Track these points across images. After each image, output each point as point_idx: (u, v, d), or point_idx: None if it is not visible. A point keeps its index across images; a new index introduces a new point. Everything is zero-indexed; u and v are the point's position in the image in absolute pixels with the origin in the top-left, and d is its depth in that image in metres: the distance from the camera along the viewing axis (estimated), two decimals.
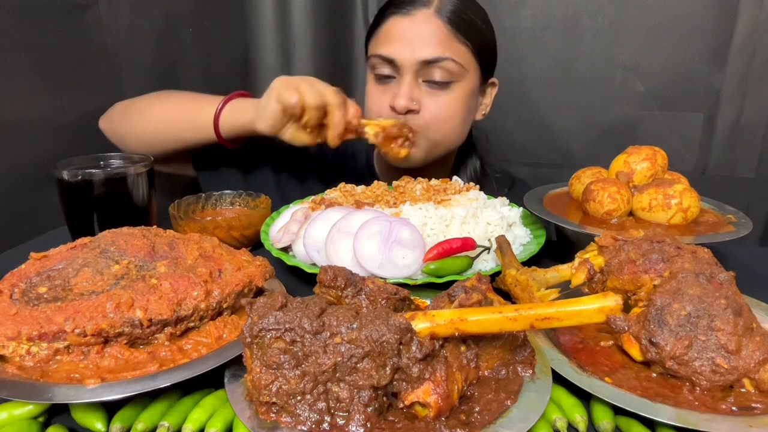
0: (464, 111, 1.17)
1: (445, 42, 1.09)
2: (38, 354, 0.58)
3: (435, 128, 1.14)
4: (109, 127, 1.21)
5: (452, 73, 1.10)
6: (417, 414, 0.53)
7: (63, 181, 0.93)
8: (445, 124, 1.15)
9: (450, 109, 1.14)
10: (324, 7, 1.84)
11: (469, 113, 1.20)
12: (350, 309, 0.55)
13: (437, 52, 1.08)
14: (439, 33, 1.09)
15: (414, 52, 1.09)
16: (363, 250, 0.83)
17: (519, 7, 1.75)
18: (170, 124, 1.15)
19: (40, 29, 1.21)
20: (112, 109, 1.22)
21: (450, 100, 1.13)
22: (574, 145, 1.84)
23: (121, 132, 1.19)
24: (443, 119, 1.14)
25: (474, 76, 1.16)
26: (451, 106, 1.14)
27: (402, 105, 1.10)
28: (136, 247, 0.70)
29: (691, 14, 1.62)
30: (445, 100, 1.13)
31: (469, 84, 1.15)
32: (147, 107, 1.18)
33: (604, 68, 1.74)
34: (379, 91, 1.16)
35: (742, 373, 0.58)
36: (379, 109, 1.15)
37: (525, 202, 1.00)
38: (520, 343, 0.61)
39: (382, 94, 1.15)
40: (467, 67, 1.13)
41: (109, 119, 1.22)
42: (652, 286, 0.66)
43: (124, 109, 1.21)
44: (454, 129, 1.18)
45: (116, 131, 1.20)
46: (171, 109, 1.16)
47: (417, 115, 1.12)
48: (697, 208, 0.91)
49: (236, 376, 0.58)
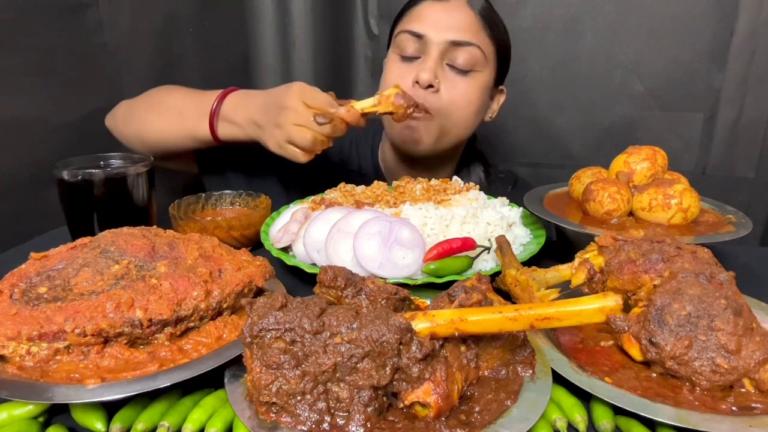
0: (479, 102, 1.18)
1: (475, 30, 1.13)
2: (38, 354, 0.58)
3: (449, 112, 1.15)
4: (114, 127, 1.22)
5: (475, 60, 1.13)
6: (417, 414, 0.53)
7: (63, 181, 0.93)
8: (460, 111, 1.16)
9: (467, 96, 1.16)
10: (324, 7, 1.84)
11: (482, 107, 1.21)
12: (350, 309, 0.55)
13: (466, 36, 1.12)
14: (471, 20, 1.13)
15: (444, 32, 1.12)
16: (363, 250, 0.83)
17: (519, 7, 1.75)
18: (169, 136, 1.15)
19: (40, 29, 1.21)
20: (117, 109, 1.23)
21: (468, 87, 1.15)
22: (574, 145, 1.84)
23: (125, 134, 1.20)
24: (459, 105, 1.15)
25: (492, 72, 1.19)
26: (468, 94, 1.16)
27: (425, 79, 1.11)
28: (136, 247, 0.70)
29: (691, 14, 1.62)
30: (463, 87, 1.15)
31: (487, 77, 1.18)
32: (146, 115, 1.17)
33: (604, 68, 1.73)
34: (402, 69, 1.16)
35: (742, 373, 0.58)
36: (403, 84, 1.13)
37: (525, 202, 1.00)
38: (520, 343, 0.61)
39: (405, 72, 1.15)
40: (489, 59, 1.16)
41: (113, 119, 1.23)
42: (652, 286, 0.66)
43: (127, 111, 1.21)
44: (467, 118, 1.19)
45: (121, 132, 1.21)
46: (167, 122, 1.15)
47: (436, 94, 1.13)
48: (697, 208, 0.91)
49: (236, 376, 0.58)
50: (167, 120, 1.15)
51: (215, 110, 1.07)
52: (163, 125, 1.15)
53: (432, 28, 1.12)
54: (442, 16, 1.12)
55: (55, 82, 1.25)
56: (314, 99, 0.97)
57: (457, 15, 1.13)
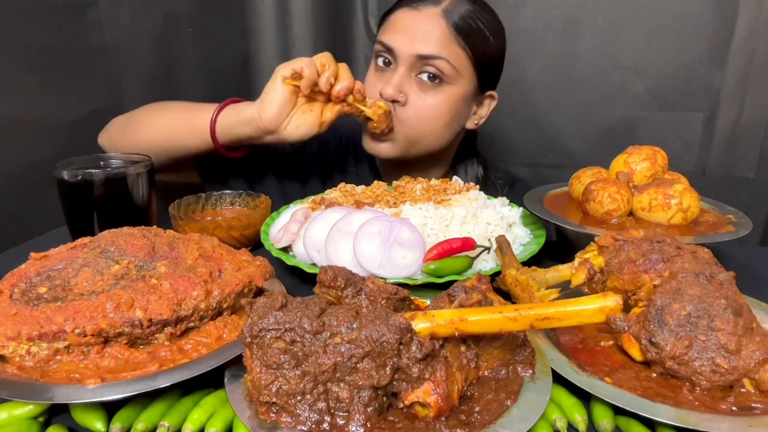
0: (450, 114, 1.16)
1: (445, 42, 1.11)
2: (38, 354, 0.58)
3: (415, 125, 1.15)
4: (109, 142, 1.22)
5: (444, 73, 1.11)
6: (417, 414, 0.53)
7: (63, 181, 0.93)
8: (427, 124, 1.15)
9: (435, 109, 1.14)
10: (324, 7, 1.84)
11: (455, 119, 1.19)
12: (350, 309, 0.55)
13: (434, 50, 1.10)
14: (440, 32, 1.10)
15: (412, 45, 1.11)
16: (363, 250, 0.83)
17: (519, 7, 1.75)
18: (167, 132, 1.15)
19: (40, 29, 1.21)
20: (110, 125, 1.23)
21: (437, 100, 1.14)
22: (574, 145, 1.84)
23: (121, 146, 1.19)
24: (426, 118, 1.14)
25: (468, 83, 1.16)
26: (437, 107, 1.14)
27: (388, 94, 1.11)
28: (136, 247, 0.70)
29: (691, 14, 1.62)
30: (432, 100, 1.13)
31: (461, 89, 1.15)
32: (144, 118, 1.18)
33: (604, 68, 1.74)
34: (376, 77, 1.18)
35: (742, 373, 0.58)
36: (373, 94, 1.16)
37: (525, 202, 1.00)
38: (520, 343, 0.61)
39: (378, 81, 1.16)
40: (462, 72, 1.13)
41: (108, 135, 1.23)
42: (652, 286, 0.66)
43: (122, 124, 1.21)
44: (435, 130, 1.17)
45: (116, 145, 1.20)
46: (167, 118, 1.17)
47: (402, 107, 1.13)
48: (697, 208, 0.91)
49: (236, 376, 0.58)
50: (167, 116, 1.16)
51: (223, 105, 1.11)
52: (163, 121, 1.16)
53: (400, 41, 1.11)
54: (413, 27, 1.11)
55: (55, 82, 1.25)
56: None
57: (428, 26, 1.11)
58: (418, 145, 1.18)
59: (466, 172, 1.37)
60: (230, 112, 1.09)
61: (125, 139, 1.19)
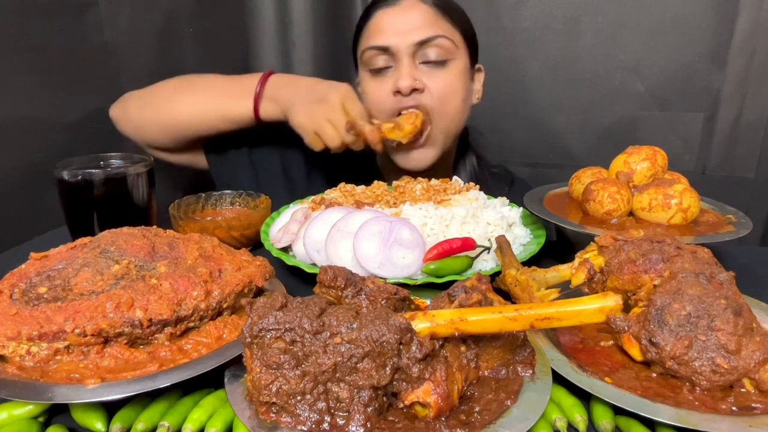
0: (463, 89, 1.19)
1: (434, 22, 1.13)
2: (38, 354, 0.58)
3: (440, 110, 1.16)
4: (123, 116, 1.21)
5: (447, 50, 1.13)
6: (417, 414, 0.53)
7: (63, 181, 0.93)
8: (449, 104, 1.16)
9: (451, 85, 1.16)
10: (324, 7, 1.84)
11: (468, 93, 1.22)
12: (350, 309, 0.55)
13: (429, 32, 1.12)
14: (427, 15, 1.13)
15: (407, 36, 1.12)
16: (363, 250, 0.83)
17: (519, 7, 1.75)
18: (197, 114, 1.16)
19: (40, 29, 1.21)
20: (127, 98, 1.22)
21: (450, 77, 1.15)
22: (574, 145, 1.83)
23: (138, 120, 1.19)
24: (447, 98, 1.16)
25: (465, 56, 1.19)
26: (452, 83, 1.16)
27: (406, 85, 1.11)
28: (136, 247, 0.70)
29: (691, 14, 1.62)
30: (445, 78, 1.15)
31: (463, 63, 1.18)
32: (171, 96, 1.18)
33: (604, 68, 1.73)
34: (376, 83, 1.17)
35: (742, 373, 0.58)
36: (379, 101, 1.16)
37: (525, 202, 1.00)
38: (520, 343, 0.61)
39: (381, 86, 1.16)
40: (459, 45, 1.16)
41: (122, 108, 1.22)
42: (652, 286, 0.66)
43: (142, 98, 1.20)
44: (459, 108, 1.19)
45: (131, 120, 1.20)
46: (197, 100, 1.17)
47: (422, 94, 1.13)
48: (697, 208, 0.91)
49: (236, 376, 0.58)
50: (198, 99, 1.17)
51: (260, 91, 1.12)
52: (196, 105, 1.16)
53: (394, 37, 1.12)
54: (399, 22, 1.12)
55: (55, 82, 1.25)
56: (352, 106, 1.06)
57: (413, 14, 1.12)
58: (449, 131, 1.20)
59: (465, 165, 1.37)
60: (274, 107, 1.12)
61: (143, 114, 1.19)
